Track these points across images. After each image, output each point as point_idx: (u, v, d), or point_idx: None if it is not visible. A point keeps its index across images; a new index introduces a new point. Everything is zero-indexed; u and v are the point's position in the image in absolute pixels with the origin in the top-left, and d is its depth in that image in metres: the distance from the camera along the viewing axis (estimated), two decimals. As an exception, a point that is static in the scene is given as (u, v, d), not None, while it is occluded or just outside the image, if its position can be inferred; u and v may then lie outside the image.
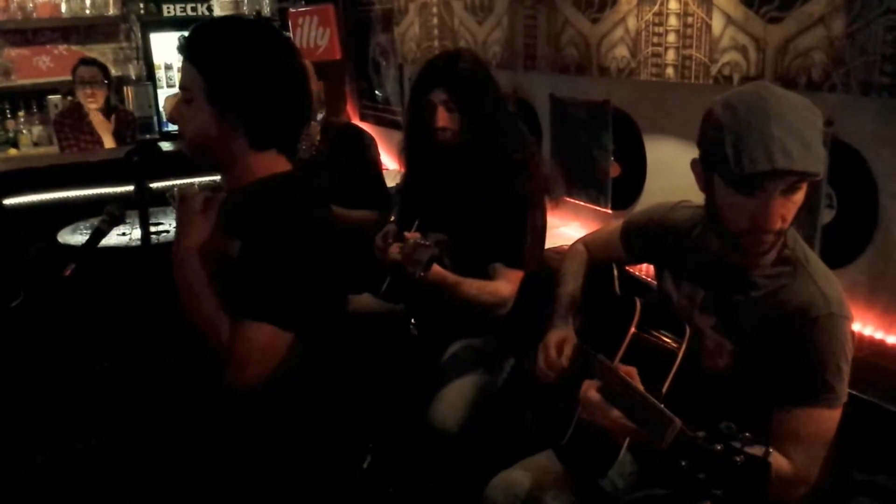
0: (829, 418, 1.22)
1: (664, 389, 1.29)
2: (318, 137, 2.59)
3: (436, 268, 1.72)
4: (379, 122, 4.15)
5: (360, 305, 2.25)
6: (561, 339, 1.51)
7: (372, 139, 2.62)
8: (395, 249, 1.73)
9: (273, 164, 1.43)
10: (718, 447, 1.00)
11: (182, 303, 1.37)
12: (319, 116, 2.61)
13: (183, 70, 1.39)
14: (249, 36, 1.38)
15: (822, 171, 1.20)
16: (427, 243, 1.63)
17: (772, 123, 1.14)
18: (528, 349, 1.61)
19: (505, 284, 1.87)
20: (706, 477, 0.98)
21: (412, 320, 2.14)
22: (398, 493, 2.03)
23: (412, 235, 1.72)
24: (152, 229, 2.72)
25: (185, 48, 1.38)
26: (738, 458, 0.98)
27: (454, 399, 1.86)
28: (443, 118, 1.90)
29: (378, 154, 2.63)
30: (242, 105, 1.34)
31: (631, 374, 1.23)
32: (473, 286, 1.84)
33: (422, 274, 1.63)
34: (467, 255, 1.83)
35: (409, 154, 2.12)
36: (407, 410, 1.94)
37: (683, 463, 1.01)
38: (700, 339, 1.34)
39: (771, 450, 0.99)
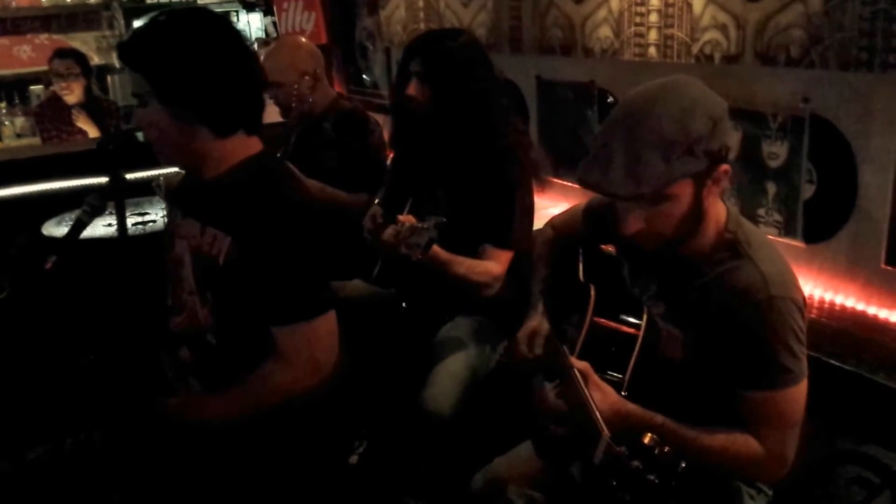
0: (792, 397, 1.20)
1: (627, 377, 1.28)
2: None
3: (434, 248, 1.71)
4: (367, 106, 4.10)
5: (351, 291, 2.26)
6: (532, 331, 1.50)
7: (377, 125, 2.62)
8: (390, 233, 1.72)
9: (244, 146, 1.42)
10: (635, 464, 0.99)
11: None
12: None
13: (132, 76, 1.38)
14: (186, 30, 1.36)
15: (646, 190, 1.14)
16: (425, 226, 1.61)
17: (606, 138, 1.17)
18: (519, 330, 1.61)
19: (495, 264, 1.88)
20: (630, 497, 0.98)
21: (403, 304, 2.15)
22: (393, 478, 2.05)
23: (406, 218, 1.71)
24: (139, 219, 2.74)
25: (126, 57, 1.37)
26: (651, 478, 0.97)
27: (447, 382, 1.87)
28: (412, 87, 1.92)
29: (382, 140, 2.61)
30: (195, 100, 1.34)
31: (585, 371, 1.22)
32: (464, 264, 1.85)
33: (419, 257, 1.62)
34: (457, 237, 1.83)
35: (395, 132, 2.13)
36: (400, 395, 1.95)
37: (613, 482, 1.01)
38: (655, 327, 1.34)
39: (683, 465, 0.99)
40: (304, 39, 2.77)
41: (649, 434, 1.04)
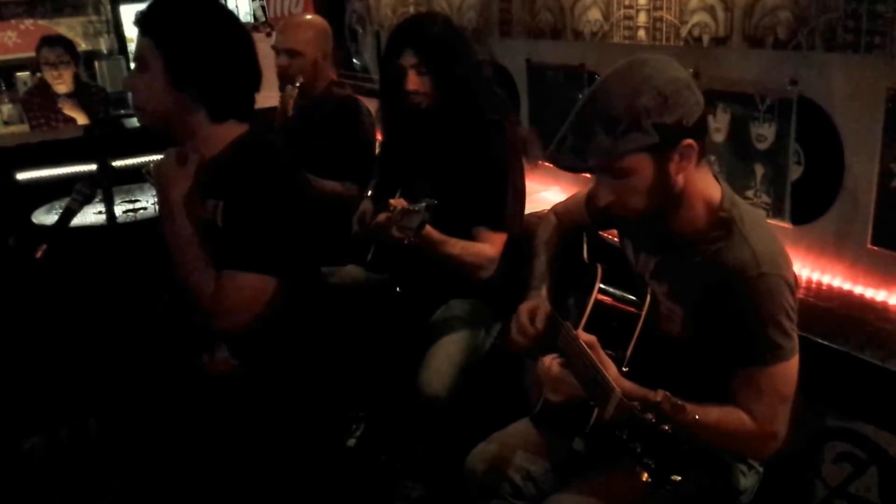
0: (782, 373, 1.23)
1: (628, 353, 1.31)
2: (290, 110, 2.60)
3: (427, 228, 1.71)
4: (357, 90, 4.08)
5: (345, 276, 2.27)
6: (533, 307, 1.52)
7: (369, 114, 2.60)
8: (382, 217, 1.72)
9: (234, 133, 1.48)
10: (649, 416, 1.02)
11: (171, 255, 1.44)
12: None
13: (139, 41, 1.41)
14: (205, 12, 1.41)
15: (596, 162, 1.22)
16: (416, 209, 1.60)
17: (575, 113, 1.25)
18: (513, 313, 1.61)
19: (489, 247, 1.88)
20: (641, 448, 1.02)
21: (397, 289, 2.16)
22: (390, 460, 2.06)
23: (398, 202, 1.70)
24: (129, 206, 2.74)
25: (143, 22, 1.40)
26: (665, 428, 1.00)
27: (442, 364, 1.88)
28: (413, 82, 1.90)
29: (373, 130, 2.60)
30: (202, 81, 1.39)
31: (592, 343, 1.25)
32: (458, 246, 1.84)
33: (412, 240, 1.61)
34: (450, 220, 1.83)
35: (384, 120, 2.12)
36: (396, 378, 1.97)
37: (624, 435, 1.04)
38: (657, 305, 1.37)
39: (697, 417, 1.03)
40: (321, 19, 2.73)
41: (661, 392, 1.07)
